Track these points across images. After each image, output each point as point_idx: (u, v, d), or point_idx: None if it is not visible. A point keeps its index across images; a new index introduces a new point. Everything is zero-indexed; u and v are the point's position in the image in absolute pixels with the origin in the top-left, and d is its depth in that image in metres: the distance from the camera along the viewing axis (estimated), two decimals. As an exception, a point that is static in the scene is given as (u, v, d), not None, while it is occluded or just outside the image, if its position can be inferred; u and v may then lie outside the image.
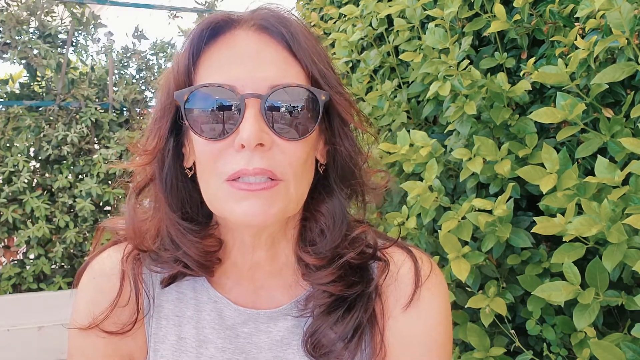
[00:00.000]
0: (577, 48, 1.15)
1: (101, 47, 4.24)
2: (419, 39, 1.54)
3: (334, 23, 2.00)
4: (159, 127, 0.74)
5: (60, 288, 3.63)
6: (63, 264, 3.78)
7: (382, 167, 0.90)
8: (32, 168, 3.72)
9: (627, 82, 1.14)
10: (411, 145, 1.39)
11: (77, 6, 3.86)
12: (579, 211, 1.05)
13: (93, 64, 4.25)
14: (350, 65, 1.82)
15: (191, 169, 0.76)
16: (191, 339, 0.79)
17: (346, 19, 1.80)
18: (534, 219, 1.08)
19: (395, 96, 1.63)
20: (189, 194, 0.77)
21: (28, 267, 3.68)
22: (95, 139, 3.89)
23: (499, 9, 1.29)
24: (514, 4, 1.28)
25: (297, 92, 0.70)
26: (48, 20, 3.80)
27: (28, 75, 3.85)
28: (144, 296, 0.80)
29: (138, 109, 4.00)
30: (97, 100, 3.88)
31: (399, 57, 1.54)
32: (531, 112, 1.18)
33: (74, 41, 4.02)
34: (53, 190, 3.74)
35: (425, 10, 1.48)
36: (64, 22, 3.90)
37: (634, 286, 1.13)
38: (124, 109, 4.00)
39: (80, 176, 3.82)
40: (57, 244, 3.66)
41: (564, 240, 1.04)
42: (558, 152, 1.12)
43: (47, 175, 3.81)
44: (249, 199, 0.67)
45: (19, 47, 3.60)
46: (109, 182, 3.76)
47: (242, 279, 0.81)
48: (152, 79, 4.22)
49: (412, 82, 1.55)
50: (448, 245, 1.22)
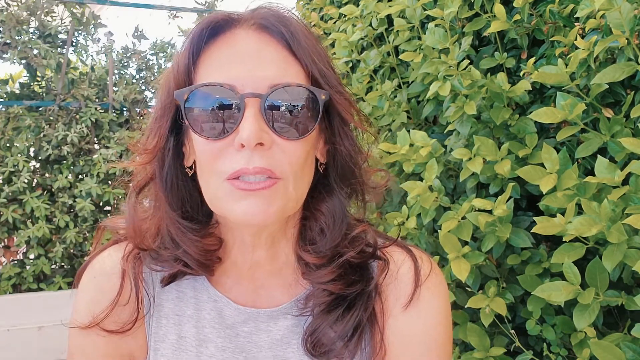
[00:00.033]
0: (577, 48, 1.15)
1: (101, 47, 4.24)
2: (419, 39, 1.55)
3: (334, 23, 2.00)
4: (159, 126, 0.75)
5: (60, 288, 3.63)
6: (63, 264, 3.78)
7: (382, 167, 0.90)
8: (32, 168, 3.72)
9: (627, 82, 1.14)
10: (411, 145, 1.39)
11: (77, 6, 3.86)
12: (579, 211, 1.05)
13: (93, 64, 4.25)
14: (350, 65, 1.82)
15: (191, 168, 0.76)
16: (191, 338, 0.79)
17: (346, 19, 1.80)
18: (534, 219, 1.08)
19: (395, 96, 1.63)
20: (189, 192, 0.77)
21: (28, 267, 3.67)
22: (95, 139, 3.89)
23: (499, 9, 1.29)
24: (514, 4, 1.28)
25: (297, 92, 0.70)
26: (48, 20, 3.80)
27: (28, 75, 3.85)
28: (144, 295, 0.80)
29: (138, 109, 3.99)
30: (97, 100, 3.88)
31: (399, 57, 1.54)
32: (531, 112, 1.18)
33: (74, 41, 4.02)
34: (53, 190, 3.73)
35: (425, 10, 1.48)
36: (64, 22, 3.90)
37: (634, 286, 1.13)
38: (124, 109, 4.00)
39: (80, 176, 3.82)
40: (57, 244, 3.66)
41: (564, 240, 1.04)
42: (558, 152, 1.12)
43: (47, 175, 3.81)
44: (248, 198, 0.68)
45: (19, 47, 3.60)
46: (109, 182, 3.76)
47: (242, 278, 0.81)
48: (152, 79, 4.22)
49: (412, 82, 1.55)
50: (448, 245, 1.23)
